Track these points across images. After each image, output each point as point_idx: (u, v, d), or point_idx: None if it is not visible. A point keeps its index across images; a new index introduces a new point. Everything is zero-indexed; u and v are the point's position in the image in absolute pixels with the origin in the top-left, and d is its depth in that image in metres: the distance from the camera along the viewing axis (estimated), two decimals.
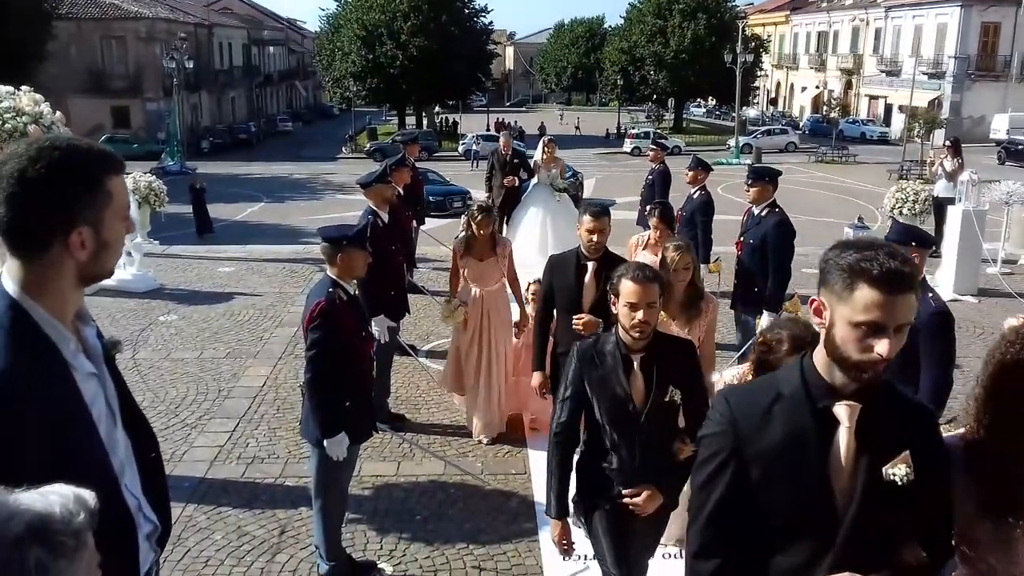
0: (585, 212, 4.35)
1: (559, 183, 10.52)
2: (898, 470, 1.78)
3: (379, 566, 4.24)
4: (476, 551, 4.42)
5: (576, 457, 3.25)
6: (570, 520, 3.21)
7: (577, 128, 57.55)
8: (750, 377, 3.08)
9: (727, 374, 3.64)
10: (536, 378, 4.73)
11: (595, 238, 4.27)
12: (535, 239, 10.04)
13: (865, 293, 1.70)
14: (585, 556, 3.89)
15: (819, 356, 1.83)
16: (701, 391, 3.18)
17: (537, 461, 5.19)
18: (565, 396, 3.14)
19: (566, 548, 3.21)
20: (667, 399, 3.02)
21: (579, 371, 3.10)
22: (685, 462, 3.08)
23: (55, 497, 1.21)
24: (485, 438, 5.72)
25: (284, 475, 5.20)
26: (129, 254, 9.35)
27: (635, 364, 3.01)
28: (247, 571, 4.20)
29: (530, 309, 5.65)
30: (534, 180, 10.54)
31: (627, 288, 2.98)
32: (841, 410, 1.78)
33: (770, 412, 1.83)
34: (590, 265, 4.35)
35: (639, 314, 2.94)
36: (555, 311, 4.56)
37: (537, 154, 10.60)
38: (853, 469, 1.79)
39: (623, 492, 3.11)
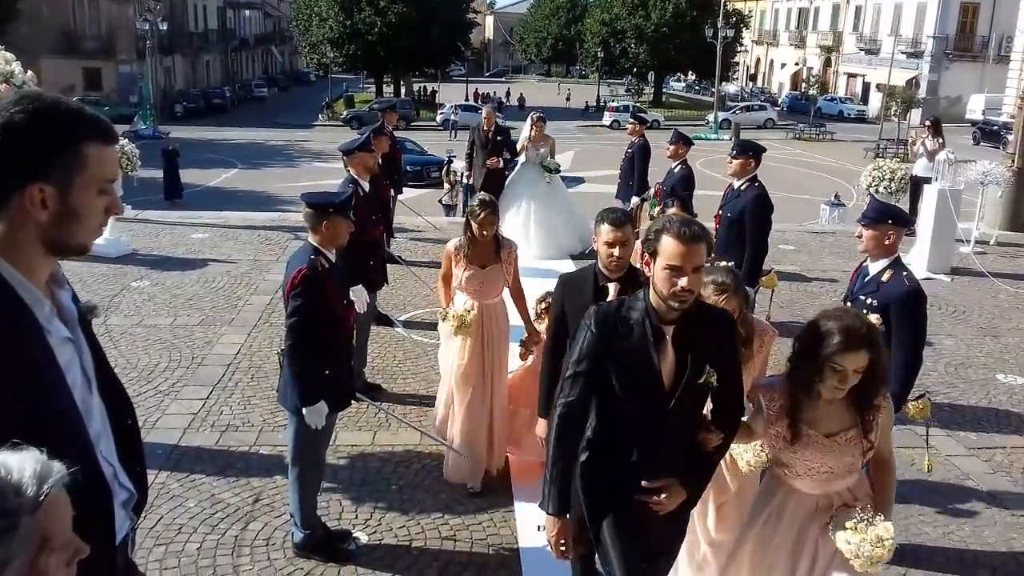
0: (603, 221, 3.49)
1: (550, 163, 9.71)
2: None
3: (354, 535, 4.24)
4: (451, 521, 4.43)
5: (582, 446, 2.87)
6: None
7: (568, 99, 57.12)
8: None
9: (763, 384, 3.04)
10: (542, 427, 3.69)
11: (616, 252, 3.43)
12: (518, 228, 9.31)
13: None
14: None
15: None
16: (737, 375, 2.81)
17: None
18: (578, 371, 2.65)
19: (564, 549, 2.82)
20: (702, 380, 2.58)
21: (598, 341, 2.60)
22: (712, 454, 2.82)
23: None
24: (475, 485, 4.72)
25: (259, 443, 5.16)
26: None
27: (667, 337, 2.57)
28: (221, 539, 4.18)
29: (542, 327, 4.62)
30: (520, 159, 9.82)
31: (669, 247, 2.49)
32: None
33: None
34: (611, 287, 3.47)
35: (683, 280, 2.46)
36: (569, 343, 3.58)
37: (524, 131, 9.86)
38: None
39: (643, 485, 2.71)
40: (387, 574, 3.95)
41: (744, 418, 2.96)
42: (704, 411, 2.84)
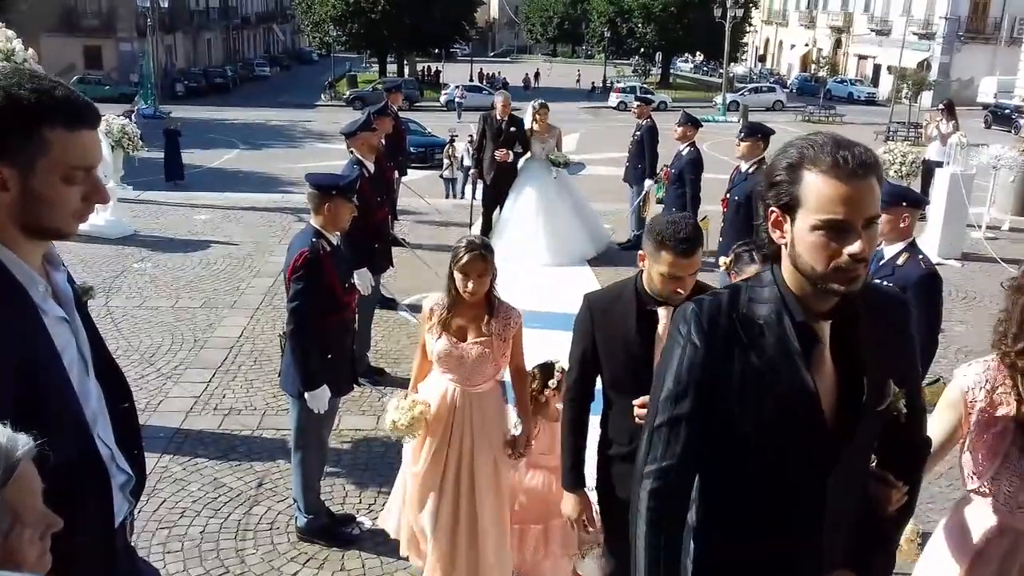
0: (664, 243, 2.48)
1: (558, 156, 8.98)
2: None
3: (357, 519, 4.21)
4: None
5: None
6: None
7: (578, 81, 56.65)
8: (999, 374, 2.20)
9: (970, 372, 2.34)
10: (569, 503, 2.89)
11: (682, 289, 2.54)
12: (524, 232, 8.72)
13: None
14: None
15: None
16: (920, 390, 2.09)
17: None
18: (675, 415, 1.73)
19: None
20: (884, 406, 1.74)
21: (708, 359, 1.68)
22: (892, 521, 1.88)
23: None
24: None
25: (262, 427, 5.12)
26: None
27: (822, 340, 1.69)
28: (224, 523, 4.15)
29: (556, 407, 3.44)
30: (526, 155, 9.08)
31: (826, 189, 1.62)
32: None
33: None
34: (662, 312, 2.60)
35: (855, 244, 1.63)
36: (602, 387, 2.80)
37: (526, 122, 9.02)
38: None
39: None
40: (390, 558, 3.91)
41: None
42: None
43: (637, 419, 2.52)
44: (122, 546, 1.89)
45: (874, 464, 1.85)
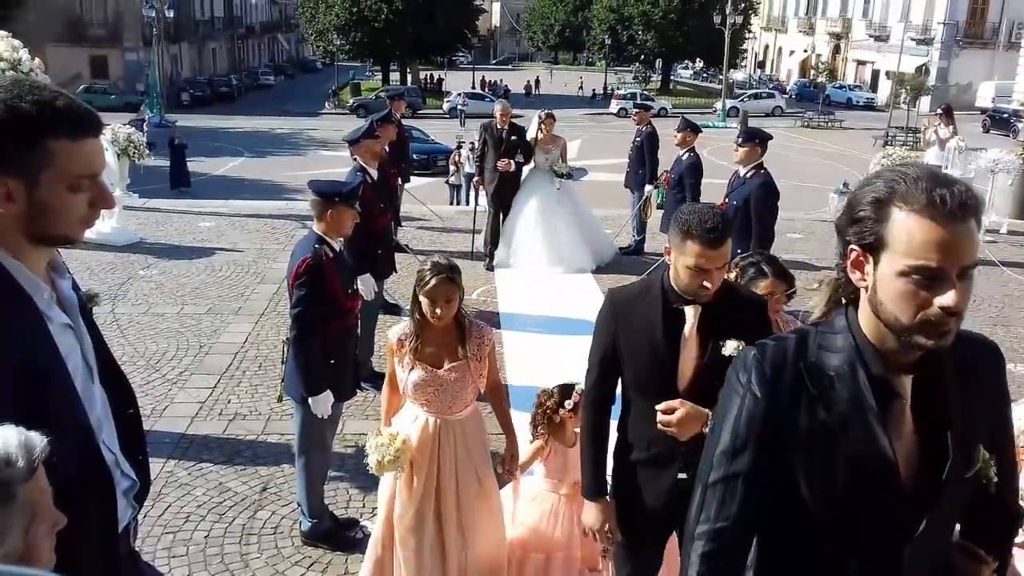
0: (690, 232, 2.37)
1: (561, 167, 8.76)
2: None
3: (361, 523, 4.23)
4: None
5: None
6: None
7: (580, 88, 56.72)
8: None
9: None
10: (591, 513, 2.71)
11: (708, 283, 2.40)
12: (527, 240, 8.65)
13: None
14: None
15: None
16: (1012, 453, 1.94)
17: None
18: (731, 472, 1.57)
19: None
20: (972, 474, 1.56)
21: (770, 412, 1.54)
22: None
23: None
24: None
25: (266, 432, 5.16)
26: None
27: (904, 398, 1.51)
28: (228, 527, 4.18)
29: (530, 448, 3.47)
30: (530, 165, 8.87)
31: (921, 227, 1.71)
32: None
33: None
34: (689, 311, 2.49)
35: (947, 296, 1.73)
36: (622, 389, 2.70)
37: (531, 131, 8.86)
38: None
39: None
40: None
41: None
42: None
43: (660, 424, 2.43)
44: (125, 551, 1.90)
45: (959, 534, 1.68)
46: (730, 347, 2.41)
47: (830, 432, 1.45)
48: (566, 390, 3.41)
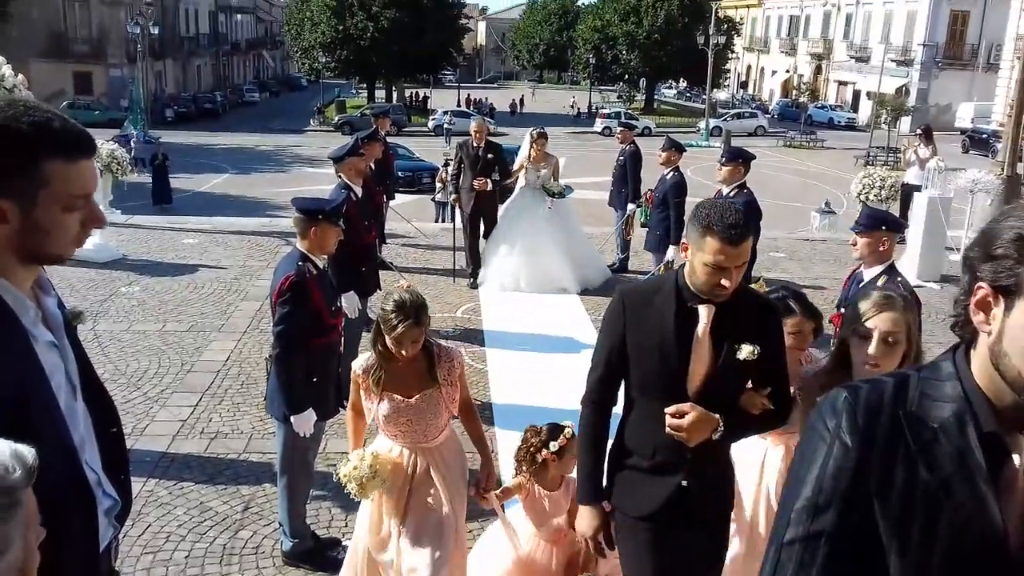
0: (710, 228, 2.29)
1: (553, 186, 8.46)
2: None
3: (343, 543, 4.19)
4: None
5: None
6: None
7: (572, 106, 56.89)
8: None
9: None
10: (584, 519, 2.61)
11: (726, 281, 2.31)
12: (512, 259, 8.40)
13: None
14: None
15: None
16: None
17: None
18: (812, 531, 1.35)
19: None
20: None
21: (863, 466, 1.32)
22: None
23: None
24: None
25: (248, 451, 5.13)
26: None
27: (1017, 461, 1.38)
28: (209, 547, 4.14)
29: (514, 482, 3.44)
30: (520, 183, 8.60)
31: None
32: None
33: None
34: (703, 311, 2.41)
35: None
36: (625, 390, 2.60)
37: (523, 149, 8.58)
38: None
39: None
40: None
41: None
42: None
43: (668, 428, 2.34)
44: (106, 571, 1.88)
45: None
46: (745, 351, 2.35)
47: (930, 493, 1.24)
48: (555, 431, 3.32)
